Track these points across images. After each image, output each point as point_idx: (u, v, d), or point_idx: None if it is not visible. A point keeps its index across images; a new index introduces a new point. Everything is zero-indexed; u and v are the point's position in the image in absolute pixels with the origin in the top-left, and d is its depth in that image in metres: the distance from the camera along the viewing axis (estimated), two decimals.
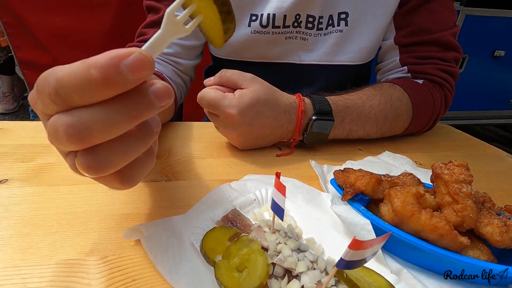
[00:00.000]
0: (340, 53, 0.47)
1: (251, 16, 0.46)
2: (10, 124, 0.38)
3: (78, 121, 0.14)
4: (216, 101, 0.32)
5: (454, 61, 0.46)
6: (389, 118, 0.40)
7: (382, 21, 0.46)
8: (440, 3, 0.44)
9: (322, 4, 0.44)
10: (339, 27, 0.46)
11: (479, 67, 1.62)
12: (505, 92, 1.75)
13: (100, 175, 0.15)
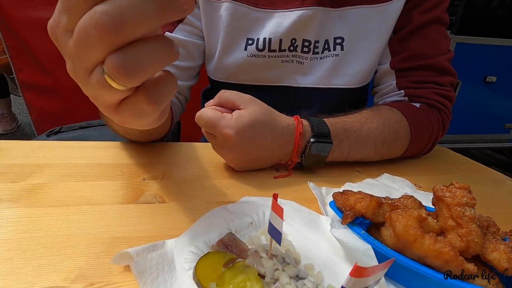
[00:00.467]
0: (336, 76, 0.48)
1: (248, 40, 0.47)
2: (3, 143, 0.38)
3: (113, 8, 0.14)
4: (213, 121, 0.32)
5: (450, 85, 0.47)
6: (387, 141, 0.40)
7: (377, 46, 0.47)
8: (433, 29, 0.46)
9: (317, 29, 0.46)
10: (335, 51, 0.47)
11: (472, 92, 1.65)
12: (500, 116, 1.79)
13: (130, 79, 0.16)
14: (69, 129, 0.63)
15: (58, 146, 0.39)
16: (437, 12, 0.45)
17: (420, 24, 0.45)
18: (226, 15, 0.46)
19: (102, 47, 0.15)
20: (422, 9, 0.45)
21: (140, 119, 0.19)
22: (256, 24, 0.46)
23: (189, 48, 0.48)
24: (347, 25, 0.46)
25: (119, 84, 0.16)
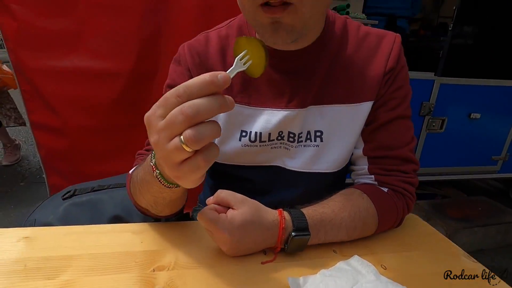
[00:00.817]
0: (317, 163, 0.56)
1: (242, 132, 0.55)
2: (34, 232, 0.45)
3: (193, 106, 0.27)
4: (211, 223, 0.40)
5: (413, 172, 0.55)
6: (358, 227, 0.48)
7: (351, 138, 0.56)
8: (397, 124, 0.54)
9: (301, 124, 0.54)
10: (315, 142, 0.55)
11: (458, 128, 1.75)
12: (486, 149, 1.87)
13: (198, 145, 0.27)
14: (83, 191, 0.70)
15: (81, 232, 0.46)
16: (399, 110, 0.54)
17: (385, 121, 0.54)
18: (223, 113, 0.54)
19: (183, 126, 0.27)
20: (387, 108, 0.54)
21: (194, 173, 0.30)
22: (249, 119, 0.55)
23: None
24: (325, 120, 0.54)
25: (189, 148, 0.28)
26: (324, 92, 0.53)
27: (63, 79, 1.24)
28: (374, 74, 0.52)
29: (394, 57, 0.52)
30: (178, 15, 1.23)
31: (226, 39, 0.55)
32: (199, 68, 0.54)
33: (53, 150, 1.38)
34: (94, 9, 1.17)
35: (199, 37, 0.57)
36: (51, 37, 1.19)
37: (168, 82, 0.57)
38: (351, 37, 0.54)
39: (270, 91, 0.54)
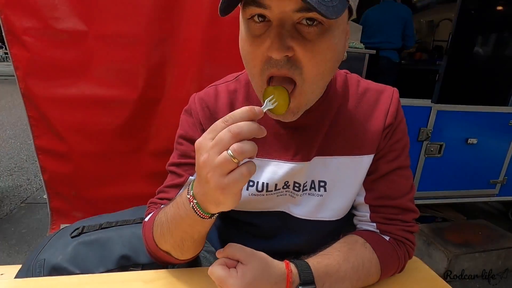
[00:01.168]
0: (321, 212, 0.58)
1: (249, 182, 0.57)
2: (48, 282, 0.46)
3: (238, 126, 0.34)
4: (222, 279, 0.41)
5: (413, 220, 0.57)
6: (361, 279, 0.50)
7: (353, 188, 0.58)
8: (397, 174, 0.57)
9: (305, 175, 0.56)
10: (319, 192, 0.57)
11: (455, 153, 1.78)
12: (484, 173, 1.90)
13: (243, 156, 0.34)
14: (91, 229, 0.71)
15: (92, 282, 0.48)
16: (399, 161, 0.56)
17: (386, 172, 0.56)
18: None
19: (231, 142, 0.34)
20: (387, 159, 0.56)
21: (238, 182, 0.35)
22: (257, 170, 0.56)
23: None
24: (329, 171, 0.56)
25: (236, 159, 0.34)
26: (327, 144, 0.56)
27: (70, 106, 1.28)
28: (374, 128, 0.55)
29: (392, 113, 0.55)
30: (183, 46, 1.27)
31: (234, 93, 0.58)
32: (210, 120, 0.56)
33: (57, 174, 1.40)
34: (103, 40, 1.22)
35: (209, 90, 0.60)
36: (61, 67, 1.23)
37: (180, 132, 0.60)
38: (352, 92, 0.57)
39: (277, 144, 0.56)
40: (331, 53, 0.42)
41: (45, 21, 1.16)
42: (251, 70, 0.45)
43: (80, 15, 1.18)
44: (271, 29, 0.39)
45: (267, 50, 0.40)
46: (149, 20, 1.22)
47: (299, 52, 0.40)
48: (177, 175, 0.59)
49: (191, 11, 1.22)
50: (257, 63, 0.42)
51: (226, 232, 0.68)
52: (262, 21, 0.40)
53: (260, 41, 0.41)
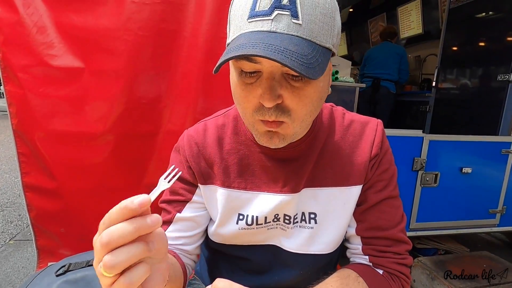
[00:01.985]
0: (312, 245, 0.57)
1: (239, 215, 0.57)
2: None
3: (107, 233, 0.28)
4: None
5: (406, 252, 0.56)
6: None
7: (344, 220, 0.58)
8: (386, 204, 0.57)
9: (295, 207, 0.56)
10: (310, 224, 0.57)
11: (451, 182, 1.78)
12: (482, 202, 1.88)
13: (114, 270, 0.28)
14: (77, 266, 0.69)
15: None
16: (387, 191, 0.57)
17: (375, 202, 0.56)
18: (222, 198, 0.57)
19: (102, 253, 0.28)
20: (375, 189, 0.57)
21: None
22: (246, 203, 0.57)
23: (197, 219, 0.59)
24: (318, 202, 0.57)
25: (107, 273, 0.28)
26: (316, 175, 0.57)
27: (62, 142, 1.28)
28: (361, 159, 0.56)
29: (378, 144, 0.57)
30: (180, 81, 1.31)
31: (222, 128, 0.60)
32: (197, 157, 0.58)
33: (45, 211, 1.36)
34: (98, 76, 1.24)
35: (198, 126, 0.61)
36: (54, 103, 1.24)
37: None
38: (337, 125, 0.59)
39: (265, 177, 0.57)
40: (317, 94, 0.45)
41: (40, 58, 1.19)
42: (243, 111, 0.47)
43: (75, 52, 1.21)
44: (262, 80, 0.42)
45: (259, 98, 0.43)
46: (147, 57, 1.26)
47: (287, 98, 0.43)
48: (166, 212, 0.59)
49: (188, 48, 1.28)
50: (249, 105, 0.45)
51: (216, 267, 0.66)
52: (253, 73, 0.43)
53: (252, 88, 0.44)
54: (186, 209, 0.58)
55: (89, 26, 1.20)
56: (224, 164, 0.57)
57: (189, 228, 0.59)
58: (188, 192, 0.59)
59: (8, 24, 1.15)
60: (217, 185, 0.57)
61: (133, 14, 1.21)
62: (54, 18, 1.18)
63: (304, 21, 0.39)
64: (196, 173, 0.58)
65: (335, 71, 1.71)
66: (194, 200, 0.59)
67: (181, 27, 1.26)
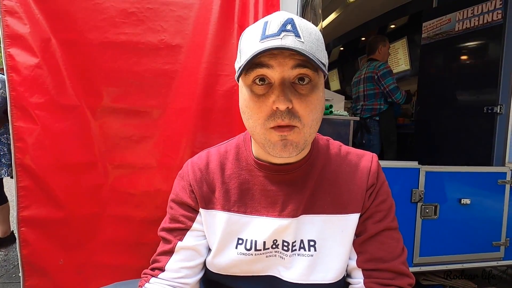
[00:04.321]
0: (313, 273, 0.56)
1: (238, 240, 0.58)
2: None
3: None
4: None
5: (409, 286, 0.55)
6: None
7: (343, 248, 0.58)
8: (386, 236, 0.57)
9: (293, 233, 0.57)
10: (309, 252, 0.57)
11: (451, 214, 1.76)
12: (484, 235, 1.84)
13: None
14: None
15: None
16: (386, 222, 0.57)
17: (374, 232, 0.57)
18: (222, 222, 0.58)
19: None
20: (374, 220, 0.57)
21: None
22: (245, 227, 0.58)
23: (198, 248, 0.60)
24: (317, 229, 0.58)
25: None
26: (313, 202, 0.58)
27: (68, 170, 1.31)
28: (358, 188, 0.58)
29: (373, 174, 0.59)
30: (177, 116, 1.36)
31: (225, 154, 0.63)
32: (200, 182, 0.61)
33: (43, 245, 1.33)
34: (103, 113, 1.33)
35: (201, 154, 0.65)
36: (65, 138, 1.31)
37: (172, 197, 0.63)
38: (334, 154, 0.61)
39: (265, 201, 0.59)
40: (320, 102, 0.51)
41: (53, 97, 1.28)
42: (256, 122, 0.51)
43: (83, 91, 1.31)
44: (274, 87, 0.49)
45: (272, 104, 0.48)
46: (150, 96, 1.34)
47: (296, 104, 0.49)
48: (166, 241, 0.60)
49: (186, 84, 1.35)
50: (262, 115, 0.50)
51: None
52: (263, 84, 0.49)
53: (264, 98, 0.49)
54: (187, 237, 0.59)
55: (100, 70, 1.31)
56: (225, 188, 0.60)
57: (191, 258, 0.59)
58: (188, 219, 0.61)
59: (27, 67, 1.25)
60: (217, 210, 0.59)
61: (141, 58, 1.32)
62: (66, 62, 1.29)
63: (305, 40, 0.47)
64: (198, 197, 0.60)
65: (329, 105, 1.77)
66: (194, 227, 0.60)
67: (182, 67, 1.35)
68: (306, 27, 0.49)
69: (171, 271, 0.58)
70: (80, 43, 1.29)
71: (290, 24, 0.47)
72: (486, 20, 1.98)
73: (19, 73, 1.25)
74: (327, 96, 2.04)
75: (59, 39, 1.28)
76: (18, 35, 1.24)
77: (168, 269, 0.58)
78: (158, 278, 0.58)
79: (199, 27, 1.34)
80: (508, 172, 1.82)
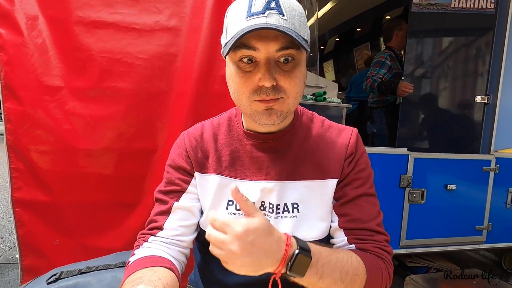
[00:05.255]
0: (298, 231, 0.62)
1: (228, 202, 0.64)
2: None
3: None
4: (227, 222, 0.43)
5: (385, 242, 0.62)
6: (350, 274, 0.51)
7: (324, 210, 0.64)
8: (363, 200, 0.63)
9: (278, 196, 0.63)
10: (293, 213, 0.63)
11: (437, 199, 1.83)
12: (468, 219, 1.92)
13: None
14: (69, 274, 0.69)
15: None
16: (365, 188, 0.63)
17: (353, 197, 0.63)
18: (214, 184, 0.64)
19: None
20: (353, 186, 0.63)
21: None
22: None
23: (192, 209, 0.65)
24: (298, 193, 0.63)
25: None
26: (296, 169, 0.64)
27: (59, 156, 1.29)
28: (336, 157, 0.64)
29: (353, 144, 0.65)
30: (175, 101, 1.37)
31: (217, 127, 0.69)
32: (195, 148, 0.67)
33: (38, 225, 1.33)
34: (96, 95, 1.29)
35: (196, 125, 0.71)
36: (52, 120, 1.27)
37: (169, 162, 0.68)
38: (316, 127, 0.67)
39: (253, 167, 0.65)
40: (303, 76, 0.57)
41: (40, 78, 1.24)
42: (241, 96, 0.56)
43: (75, 72, 1.27)
44: (260, 66, 0.53)
45: (258, 81, 0.53)
46: (145, 78, 1.32)
47: (281, 80, 0.53)
48: (163, 203, 0.64)
49: (183, 69, 1.35)
50: (247, 89, 0.54)
51: (208, 269, 0.68)
52: (249, 63, 0.53)
53: (250, 75, 0.54)
54: (183, 199, 0.64)
55: (91, 49, 1.27)
56: (217, 155, 0.66)
57: (186, 218, 0.64)
58: (184, 182, 0.66)
59: (12, 45, 1.21)
60: (210, 173, 0.65)
61: (134, 39, 1.29)
62: (56, 41, 1.25)
63: (288, 18, 0.51)
64: (193, 161, 0.66)
65: (323, 91, 1.80)
66: (189, 190, 0.65)
67: (178, 50, 1.33)
68: (289, 4, 0.52)
69: (169, 229, 0.63)
70: (69, 21, 1.24)
71: (274, 2, 0.50)
72: (481, 5, 1.93)
73: (5, 52, 1.21)
74: (321, 84, 2.06)
75: (47, 16, 1.23)
76: (5, 12, 1.20)
77: (166, 227, 0.63)
78: (157, 236, 0.63)
79: (196, 10, 1.33)
80: (492, 160, 1.89)
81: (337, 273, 0.50)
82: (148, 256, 0.58)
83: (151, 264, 0.55)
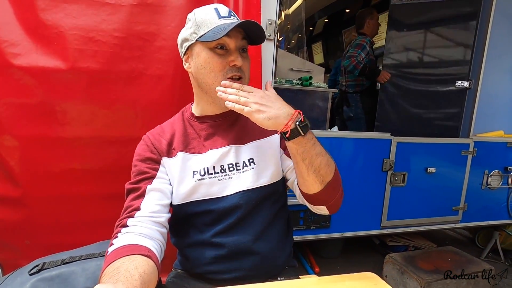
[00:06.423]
0: (259, 178, 0.76)
1: (193, 172, 0.75)
2: None
3: None
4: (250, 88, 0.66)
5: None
6: (329, 163, 0.67)
7: (276, 157, 0.79)
8: None
9: (235, 156, 0.76)
10: (251, 166, 0.76)
11: (417, 181, 1.90)
12: (446, 200, 2.02)
13: None
14: (52, 265, 0.68)
15: None
16: None
17: None
18: (179, 161, 0.75)
19: None
20: None
21: None
22: (197, 162, 0.76)
23: (164, 191, 0.71)
24: (252, 151, 0.77)
25: None
26: (244, 135, 0.78)
27: (29, 148, 1.18)
28: None
29: None
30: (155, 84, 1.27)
31: (173, 122, 0.83)
32: (159, 140, 0.78)
33: (7, 223, 1.24)
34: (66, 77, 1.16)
35: (156, 127, 0.83)
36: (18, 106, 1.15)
37: (135, 158, 0.77)
38: None
39: (209, 141, 0.78)
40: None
41: (2, 57, 1.10)
42: (218, 73, 0.71)
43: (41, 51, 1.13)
44: (232, 51, 0.71)
45: (230, 62, 0.71)
46: (122, 59, 1.21)
47: (242, 64, 0.72)
48: (135, 190, 0.69)
49: (164, 50, 1.25)
50: (222, 68, 0.71)
51: (186, 234, 0.77)
52: (222, 48, 0.71)
53: (224, 58, 0.71)
54: (154, 182, 0.71)
55: (59, 25, 1.13)
56: (178, 140, 0.77)
57: (160, 198, 0.71)
58: (153, 170, 0.73)
59: None
60: (175, 154, 0.75)
61: (108, 15, 1.17)
62: (19, 15, 1.10)
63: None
64: (158, 150, 0.76)
65: (309, 76, 1.79)
66: (159, 176, 0.73)
67: (159, 29, 1.23)
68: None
69: (146, 208, 0.67)
70: None
71: (232, 12, 0.74)
72: None
73: None
74: (307, 68, 2.05)
75: None
76: None
77: (143, 207, 0.67)
78: (136, 217, 0.65)
79: None
80: (471, 144, 1.96)
81: (322, 155, 0.65)
82: (125, 245, 0.58)
83: (128, 252, 0.56)
